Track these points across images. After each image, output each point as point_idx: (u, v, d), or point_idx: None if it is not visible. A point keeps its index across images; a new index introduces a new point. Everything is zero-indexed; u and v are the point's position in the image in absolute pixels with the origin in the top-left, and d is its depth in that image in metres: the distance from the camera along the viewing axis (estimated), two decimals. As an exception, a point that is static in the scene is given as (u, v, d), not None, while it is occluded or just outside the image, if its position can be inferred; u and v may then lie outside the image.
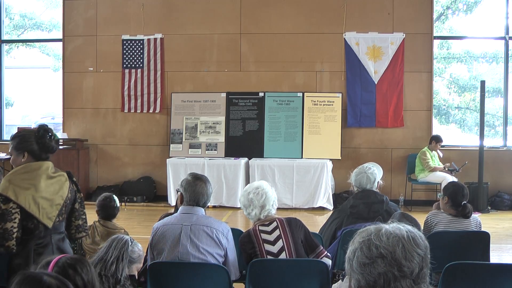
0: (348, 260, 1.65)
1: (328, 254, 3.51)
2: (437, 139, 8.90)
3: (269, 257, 3.35)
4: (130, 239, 2.95)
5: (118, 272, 2.80)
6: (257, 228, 3.43)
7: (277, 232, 3.39)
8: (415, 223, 2.87)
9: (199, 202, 3.36)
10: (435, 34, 9.71)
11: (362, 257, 1.60)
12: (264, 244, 3.36)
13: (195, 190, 3.34)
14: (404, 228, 1.62)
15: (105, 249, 2.86)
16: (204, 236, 3.25)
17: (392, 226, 1.63)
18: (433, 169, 8.73)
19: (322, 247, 3.51)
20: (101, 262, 2.81)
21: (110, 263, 2.80)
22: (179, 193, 3.47)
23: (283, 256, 3.34)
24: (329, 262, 3.44)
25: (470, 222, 4.14)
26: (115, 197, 4.23)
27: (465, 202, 4.16)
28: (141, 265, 3.09)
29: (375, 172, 4.17)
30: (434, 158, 8.86)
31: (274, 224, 3.43)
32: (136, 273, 3.04)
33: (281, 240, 3.37)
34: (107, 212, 4.16)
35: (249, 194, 3.48)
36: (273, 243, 3.37)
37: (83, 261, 2.11)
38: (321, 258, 3.42)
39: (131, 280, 2.92)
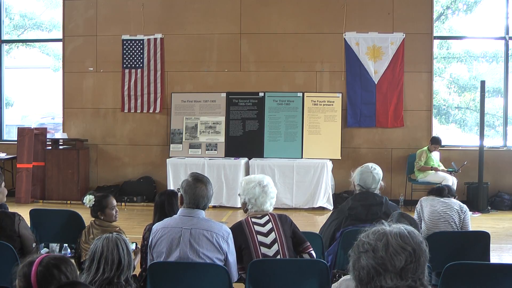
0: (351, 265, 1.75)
1: (312, 251, 3.58)
2: (432, 141, 8.86)
3: (262, 248, 3.42)
4: (119, 237, 2.76)
5: (130, 272, 2.75)
6: (249, 220, 3.52)
7: (270, 225, 3.50)
8: (413, 223, 2.87)
9: (199, 205, 3.28)
10: (435, 34, 9.70)
11: (353, 256, 1.70)
12: (258, 236, 3.45)
13: (195, 192, 3.26)
14: (397, 226, 1.66)
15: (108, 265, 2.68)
16: (204, 241, 3.19)
17: (386, 225, 1.67)
18: (421, 169, 8.71)
19: (308, 243, 3.60)
20: (119, 271, 2.66)
21: (126, 267, 2.68)
22: (179, 194, 3.44)
23: (275, 247, 3.43)
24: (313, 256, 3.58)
25: (452, 203, 4.71)
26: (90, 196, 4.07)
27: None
28: (138, 256, 3.06)
29: (380, 173, 4.20)
30: (432, 158, 8.84)
31: (267, 217, 3.53)
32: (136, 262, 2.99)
33: (273, 232, 3.47)
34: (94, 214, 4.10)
35: (254, 188, 3.56)
36: (266, 234, 3.46)
37: (66, 260, 2.13)
38: (306, 252, 3.54)
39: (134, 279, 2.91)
